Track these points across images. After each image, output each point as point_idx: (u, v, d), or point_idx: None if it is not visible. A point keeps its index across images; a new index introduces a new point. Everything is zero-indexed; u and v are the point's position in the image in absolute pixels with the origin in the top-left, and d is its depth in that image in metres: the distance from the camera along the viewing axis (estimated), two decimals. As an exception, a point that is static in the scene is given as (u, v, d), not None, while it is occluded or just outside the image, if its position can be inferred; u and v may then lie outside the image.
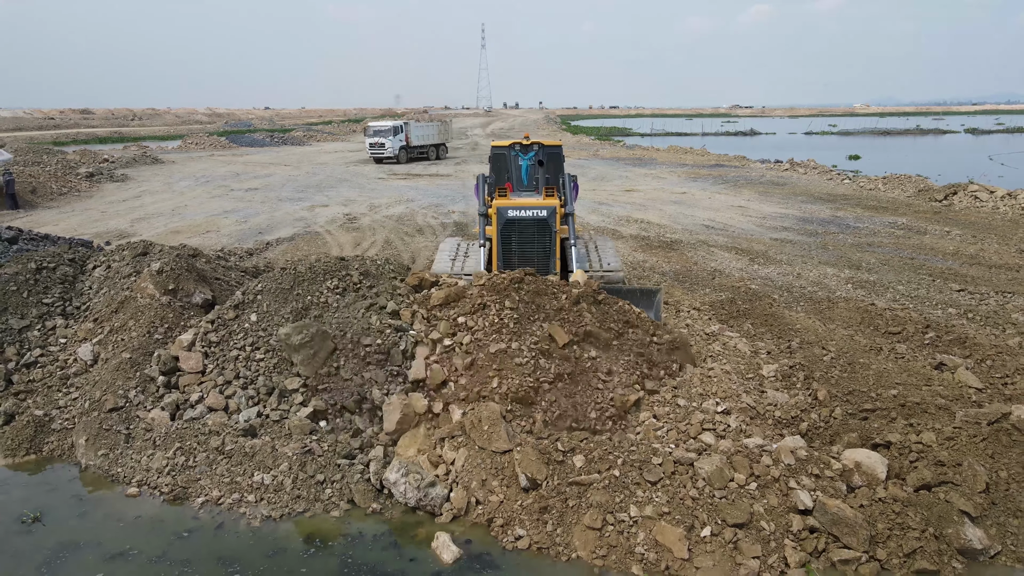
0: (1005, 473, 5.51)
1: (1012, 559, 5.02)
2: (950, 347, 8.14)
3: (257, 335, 7.33)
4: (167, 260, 8.80)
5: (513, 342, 6.72)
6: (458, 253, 10.05)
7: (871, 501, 5.34)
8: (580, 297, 7.15)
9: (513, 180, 10.09)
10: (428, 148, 38.51)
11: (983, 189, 19.65)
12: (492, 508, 5.62)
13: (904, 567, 4.94)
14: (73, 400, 7.22)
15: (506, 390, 6.36)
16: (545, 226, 8.58)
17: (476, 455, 5.94)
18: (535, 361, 6.55)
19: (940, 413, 6.49)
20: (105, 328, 8.13)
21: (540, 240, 8.64)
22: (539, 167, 9.89)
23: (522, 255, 8.67)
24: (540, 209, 8.55)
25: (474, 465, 5.88)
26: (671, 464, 5.71)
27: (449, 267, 9.35)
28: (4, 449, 6.66)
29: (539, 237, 8.64)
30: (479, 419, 6.02)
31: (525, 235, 8.65)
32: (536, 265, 8.49)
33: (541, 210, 8.54)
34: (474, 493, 5.77)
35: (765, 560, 5.00)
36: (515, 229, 8.62)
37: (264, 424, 6.68)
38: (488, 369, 6.59)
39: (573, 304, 7.05)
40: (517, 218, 8.58)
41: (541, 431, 6.18)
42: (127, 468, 6.28)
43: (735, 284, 11.34)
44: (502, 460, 5.86)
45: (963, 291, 10.75)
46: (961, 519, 5.13)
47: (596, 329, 6.88)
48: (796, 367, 7.81)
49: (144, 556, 5.17)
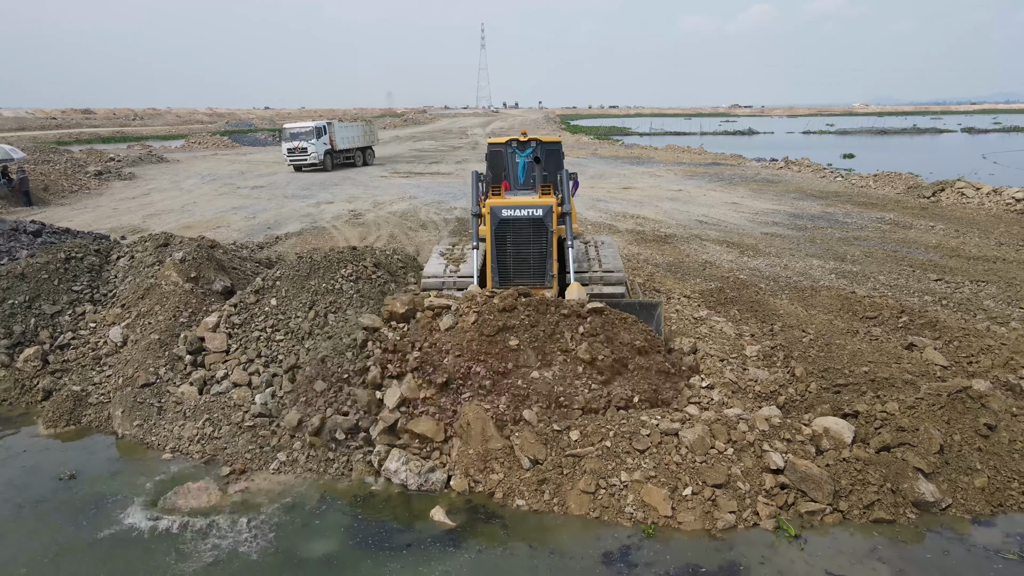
0: (959, 437, 6.09)
1: (962, 511, 5.59)
2: (921, 330, 8.71)
3: (277, 318, 7.92)
4: (189, 250, 9.38)
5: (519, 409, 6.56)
6: (451, 259, 9.51)
7: (836, 461, 5.92)
8: (585, 336, 6.92)
9: (510, 178, 9.86)
10: (355, 152, 34.44)
11: (969, 186, 20.22)
12: (493, 484, 6.05)
13: (863, 517, 5.52)
14: (107, 377, 7.81)
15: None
16: (541, 226, 8.06)
17: (471, 448, 6.28)
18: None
19: (906, 387, 7.07)
20: (132, 313, 8.71)
21: (536, 241, 8.14)
22: (536, 164, 9.61)
23: (517, 257, 8.23)
24: (535, 208, 8.03)
25: (470, 456, 6.23)
26: (658, 435, 6.27)
27: (440, 279, 8.77)
28: (46, 420, 7.25)
29: (535, 238, 8.13)
30: (467, 422, 6.28)
31: (520, 236, 8.15)
32: (532, 269, 8.21)
33: (536, 209, 8.03)
34: (474, 477, 6.16)
35: (740, 515, 5.56)
36: (509, 229, 8.11)
37: (280, 406, 7.23)
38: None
39: (580, 343, 6.84)
40: (512, 218, 8.06)
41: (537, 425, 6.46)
42: (160, 437, 6.86)
43: (724, 274, 11.92)
44: (499, 450, 6.22)
45: (940, 280, 11.33)
46: (916, 475, 5.71)
47: (608, 367, 6.84)
48: (777, 348, 8.40)
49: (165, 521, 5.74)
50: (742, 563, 5.00)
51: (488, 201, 8.29)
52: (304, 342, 7.64)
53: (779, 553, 5.13)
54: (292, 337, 7.72)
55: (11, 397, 7.77)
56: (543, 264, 8.20)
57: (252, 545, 5.24)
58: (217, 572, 4.95)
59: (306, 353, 7.51)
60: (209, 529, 5.43)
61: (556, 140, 10.10)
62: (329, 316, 7.90)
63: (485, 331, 6.72)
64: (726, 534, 5.34)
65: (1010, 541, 5.25)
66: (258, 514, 5.63)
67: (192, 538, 5.33)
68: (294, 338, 7.71)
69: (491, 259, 8.22)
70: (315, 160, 31.35)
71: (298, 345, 7.64)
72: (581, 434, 6.34)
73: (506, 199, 8.47)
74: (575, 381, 6.77)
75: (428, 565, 4.99)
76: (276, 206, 20.91)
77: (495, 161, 10.06)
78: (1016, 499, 5.70)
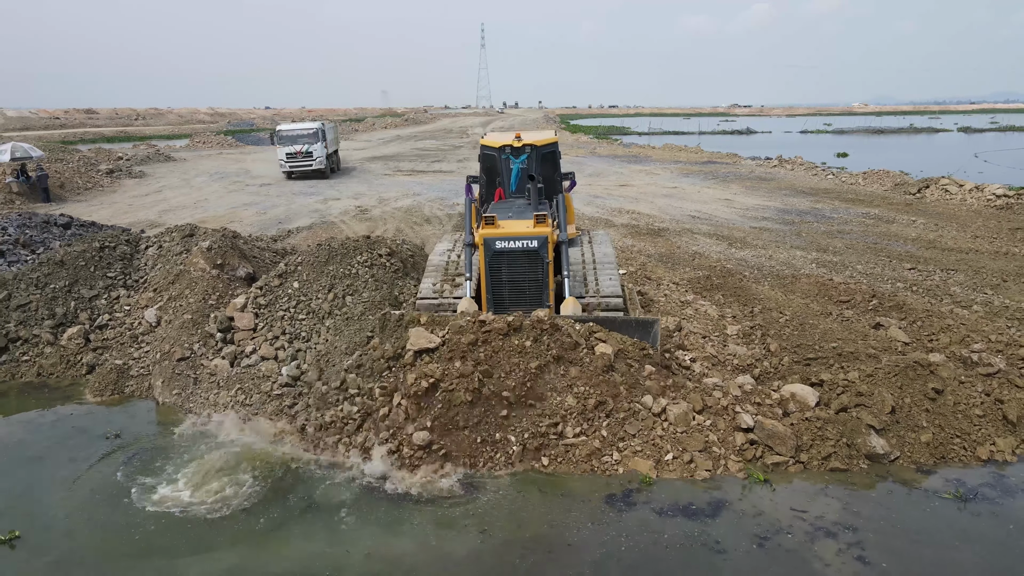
0: (909, 400, 6.86)
1: (908, 462, 6.37)
2: (889, 312, 9.49)
3: (299, 299, 8.69)
4: (215, 239, 10.16)
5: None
6: (446, 277, 8.99)
7: (800, 421, 6.71)
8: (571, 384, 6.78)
9: (504, 185, 9.59)
10: (333, 156, 31.30)
11: (953, 183, 20.98)
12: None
13: (821, 467, 6.30)
14: (145, 353, 8.59)
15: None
16: (536, 257, 7.80)
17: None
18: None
19: (869, 360, 7.84)
20: (164, 296, 9.49)
21: (531, 272, 7.90)
22: (531, 180, 9.01)
23: (513, 288, 8.00)
24: (531, 239, 7.73)
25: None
26: (651, 419, 6.84)
27: (435, 300, 8.47)
28: (92, 390, 8.03)
29: (530, 269, 7.89)
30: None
31: (515, 267, 7.92)
32: (528, 299, 7.98)
33: (532, 240, 7.73)
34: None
35: (714, 472, 6.32)
36: (504, 261, 7.87)
37: (301, 378, 8.00)
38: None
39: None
40: (506, 249, 7.79)
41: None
42: (197, 404, 7.64)
43: (712, 264, 12.70)
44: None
45: (913, 269, 12.11)
46: (868, 431, 6.49)
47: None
48: (756, 327, 9.18)
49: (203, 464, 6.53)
50: (723, 500, 5.82)
51: (481, 232, 7.83)
52: (324, 321, 8.42)
53: (753, 493, 5.94)
54: (313, 316, 8.50)
55: (58, 371, 8.55)
56: (539, 293, 7.96)
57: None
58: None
59: (326, 331, 8.30)
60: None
61: (551, 141, 9.66)
62: (347, 298, 8.68)
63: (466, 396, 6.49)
64: (707, 482, 6.12)
65: (948, 485, 6.04)
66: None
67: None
68: (315, 317, 8.49)
69: (486, 289, 8.01)
70: (320, 166, 28.49)
71: (319, 324, 8.42)
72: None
73: (500, 227, 7.91)
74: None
75: (446, 510, 5.72)
76: (285, 202, 21.68)
77: (488, 164, 9.74)
78: (957, 452, 6.48)
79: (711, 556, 5.14)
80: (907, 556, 5.10)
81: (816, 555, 5.11)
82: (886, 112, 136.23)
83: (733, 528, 5.44)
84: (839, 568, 4.96)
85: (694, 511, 5.68)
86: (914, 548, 5.21)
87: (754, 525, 5.48)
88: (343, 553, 5.20)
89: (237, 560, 5.14)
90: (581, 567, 5.02)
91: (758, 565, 5.03)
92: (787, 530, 5.40)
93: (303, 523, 5.58)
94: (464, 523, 5.54)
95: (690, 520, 5.56)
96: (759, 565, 5.03)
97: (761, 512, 5.65)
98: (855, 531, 5.38)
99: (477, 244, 7.99)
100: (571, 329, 7.06)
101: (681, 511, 5.68)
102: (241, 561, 5.13)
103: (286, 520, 5.60)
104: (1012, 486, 6.05)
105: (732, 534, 5.37)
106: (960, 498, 5.84)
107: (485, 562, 5.11)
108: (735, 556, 5.12)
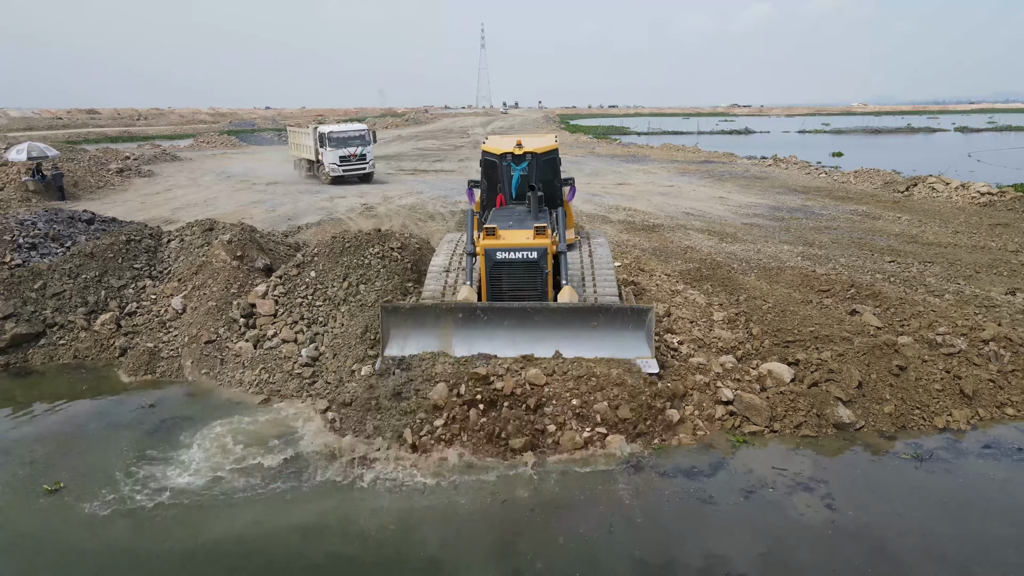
0: (875, 375, 7.54)
1: (872, 430, 7.06)
2: (865, 300, 10.15)
3: (315, 287, 9.37)
4: (234, 233, 10.85)
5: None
6: (450, 270, 9.50)
7: (775, 395, 7.39)
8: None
9: (505, 191, 9.87)
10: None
11: (940, 181, 21.66)
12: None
13: (793, 434, 6.98)
14: (173, 337, 9.27)
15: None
16: (536, 267, 8.15)
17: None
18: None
19: (842, 342, 8.51)
20: (188, 286, 10.16)
21: (531, 281, 8.25)
22: (531, 190, 9.30)
23: (513, 297, 8.26)
24: (530, 251, 8.08)
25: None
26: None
27: (440, 294, 8.96)
28: (126, 370, 8.71)
29: (529, 278, 8.23)
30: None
31: (515, 276, 8.25)
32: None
33: (531, 251, 8.08)
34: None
35: (693, 441, 6.99)
36: (504, 270, 8.22)
37: (319, 359, 8.69)
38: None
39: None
40: (506, 260, 8.14)
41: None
42: (224, 382, 8.32)
43: (703, 257, 13.37)
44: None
45: (893, 262, 12.78)
46: (836, 403, 7.17)
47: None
48: (740, 314, 9.85)
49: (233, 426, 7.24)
50: (718, 456, 6.63)
51: (482, 242, 8.18)
52: (340, 307, 9.10)
53: (740, 451, 6.73)
54: (329, 303, 9.17)
55: (92, 354, 9.23)
56: (539, 301, 8.15)
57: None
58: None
59: (342, 316, 8.97)
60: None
61: (552, 148, 9.89)
62: (360, 286, 9.36)
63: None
64: (699, 443, 6.83)
65: (907, 448, 6.73)
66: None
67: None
68: (331, 304, 9.16)
69: (486, 296, 8.31)
70: (372, 169, 27.31)
71: (335, 310, 9.09)
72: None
73: (500, 238, 8.21)
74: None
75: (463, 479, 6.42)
76: (292, 200, 22.36)
77: (490, 170, 9.98)
78: (916, 422, 7.17)
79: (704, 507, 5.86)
80: (870, 506, 5.80)
81: (793, 506, 5.80)
82: (885, 112, 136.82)
83: (724, 485, 6.15)
84: (812, 516, 5.65)
85: (686, 472, 6.38)
86: (876, 499, 5.92)
87: (743, 481, 6.19)
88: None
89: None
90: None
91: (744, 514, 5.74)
92: (771, 486, 6.12)
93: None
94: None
95: (686, 479, 6.25)
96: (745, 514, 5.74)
97: (750, 470, 6.37)
98: (826, 484, 6.10)
99: (478, 254, 8.28)
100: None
101: (673, 472, 6.37)
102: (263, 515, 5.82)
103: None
104: (964, 449, 6.74)
105: (723, 490, 6.09)
106: (918, 458, 6.54)
107: (495, 514, 5.77)
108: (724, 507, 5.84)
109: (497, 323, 7.68)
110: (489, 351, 7.46)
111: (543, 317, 7.68)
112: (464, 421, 6.78)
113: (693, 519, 5.70)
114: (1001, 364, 7.87)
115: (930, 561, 5.11)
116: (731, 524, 5.59)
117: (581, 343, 7.56)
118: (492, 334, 7.64)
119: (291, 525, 5.60)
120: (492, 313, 7.71)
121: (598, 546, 5.32)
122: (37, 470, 6.51)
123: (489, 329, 7.67)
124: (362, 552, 5.31)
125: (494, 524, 5.65)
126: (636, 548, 5.28)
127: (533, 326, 7.67)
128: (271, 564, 5.19)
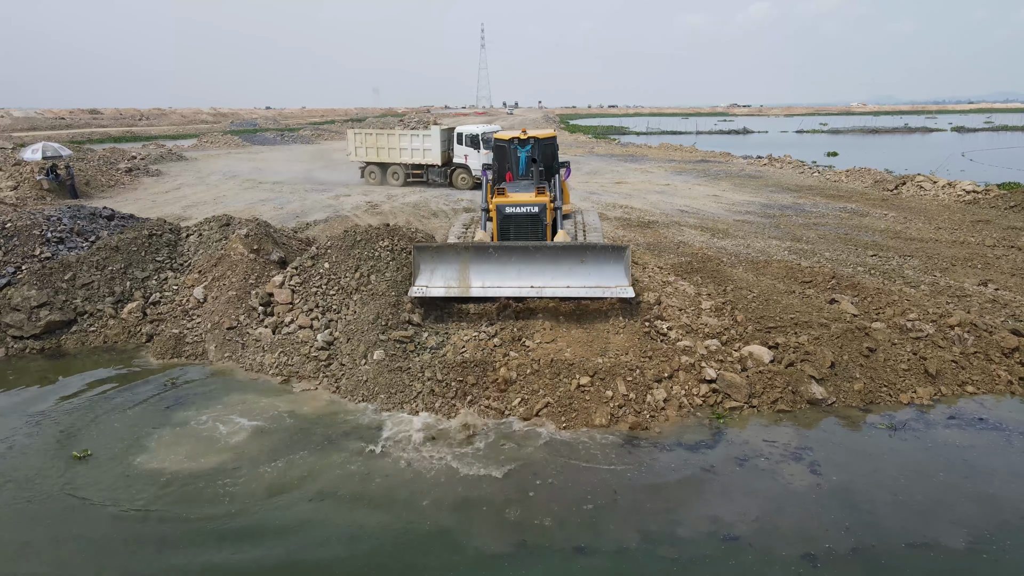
0: (847, 356, 8.19)
1: (843, 406, 7.70)
2: (845, 290, 10.80)
3: (330, 277, 10.01)
4: (251, 227, 11.49)
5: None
6: (467, 231, 12.25)
7: (754, 374, 8.04)
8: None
9: (513, 170, 12.04)
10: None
11: (928, 180, 22.30)
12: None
13: (770, 409, 7.63)
14: (196, 324, 9.91)
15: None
16: (537, 219, 10.44)
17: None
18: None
19: (820, 328, 9.16)
20: (208, 277, 10.80)
21: (533, 232, 10.56)
22: (533, 163, 11.71)
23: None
24: (532, 206, 10.42)
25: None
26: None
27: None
28: (154, 353, 9.37)
29: (532, 229, 10.53)
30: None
31: (521, 227, 10.51)
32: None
33: (533, 207, 10.42)
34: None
35: (678, 416, 7.64)
36: (512, 223, 10.49)
37: (334, 343, 9.33)
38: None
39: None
40: (514, 214, 10.45)
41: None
42: (246, 364, 8.97)
43: (694, 251, 14.01)
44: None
45: (875, 256, 13.43)
46: (810, 381, 7.82)
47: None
48: (727, 303, 10.48)
49: (254, 404, 7.88)
50: (709, 429, 7.28)
51: (494, 200, 10.51)
52: (352, 296, 9.73)
53: (726, 425, 7.33)
54: (343, 292, 9.81)
55: (121, 340, 9.88)
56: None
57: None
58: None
59: (354, 304, 9.62)
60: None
61: (551, 135, 12.36)
62: (372, 276, 9.99)
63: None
64: (684, 418, 7.47)
65: (882, 420, 7.38)
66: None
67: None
68: (344, 292, 9.80)
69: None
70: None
71: (347, 298, 9.73)
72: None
73: (509, 197, 10.60)
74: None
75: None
76: (299, 198, 23.01)
77: (500, 154, 12.21)
78: (883, 398, 7.82)
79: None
80: (851, 468, 6.46)
81: (783, 474, 6.43)
82: (884, 112, 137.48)
83: (722, 456, 6.77)
84: (801, 478, 6.28)
85: (681, 444, 7.03)
86: (856, 462, 6.59)
87: (737, 452, 6.84)
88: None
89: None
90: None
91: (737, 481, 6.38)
92: (761, 454, 6.74)
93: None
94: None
95: (686, 451, 6.90)
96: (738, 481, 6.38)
97: (740, 442, 7.02)
98: (811, 451, 6.76)
99: (491, 210, 10.33)
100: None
101: (671, 446, 7.03)
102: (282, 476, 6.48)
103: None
104: (932, 420, 7.41)
105: (721, 460, 6.69)
106: (891, 428, 7.20)
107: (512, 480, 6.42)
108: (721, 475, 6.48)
109: (505, 259, 9.09)
110: (498, 281, 8.99)
111: (542, 254, 9.07)
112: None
113: (693, 487, 6.25)
114: (964, 347, 8.52)
115: (902, 513, 5.74)
116: (728, 490, 6.18)
117: (573, 275, 8.99)
118: (502, 269, 9.07)
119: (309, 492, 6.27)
120: (501, 251, 9.15)
121: (603, 512, 5.87)
122: (67, 439, 7.14)
123: (499, 264, 9.08)
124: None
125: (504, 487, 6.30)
126: (640, 514, 5.84)
127: (534, 261, 9.04)
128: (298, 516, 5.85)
